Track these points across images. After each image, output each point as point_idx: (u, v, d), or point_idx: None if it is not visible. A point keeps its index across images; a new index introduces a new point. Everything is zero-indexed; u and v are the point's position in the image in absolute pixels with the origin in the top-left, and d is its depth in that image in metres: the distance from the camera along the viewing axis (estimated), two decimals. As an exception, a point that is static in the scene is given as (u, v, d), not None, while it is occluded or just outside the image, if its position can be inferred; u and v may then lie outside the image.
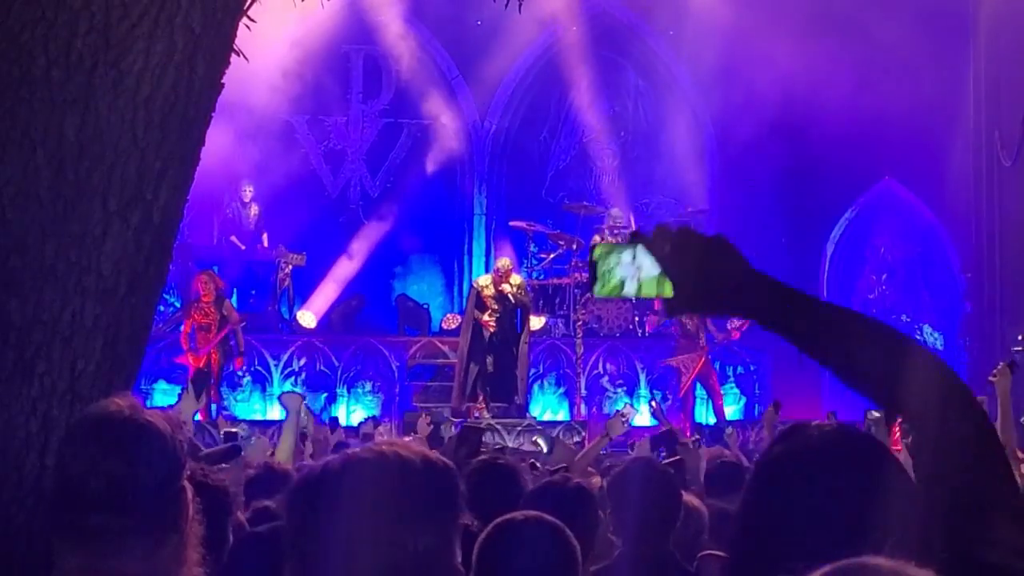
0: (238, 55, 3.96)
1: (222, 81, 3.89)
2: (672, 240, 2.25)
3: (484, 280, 17.41)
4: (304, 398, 9.48)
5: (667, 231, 2.26)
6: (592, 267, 2.30)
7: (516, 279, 17.29)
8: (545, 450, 14.60)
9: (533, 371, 18.41)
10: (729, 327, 18.55)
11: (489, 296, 16.92)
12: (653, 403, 14.28)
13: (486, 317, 16.92)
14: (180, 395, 7.21)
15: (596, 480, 6.82)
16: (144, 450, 2.61)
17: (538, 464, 7.72)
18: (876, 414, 7.62)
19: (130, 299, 3.62)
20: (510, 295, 17.00)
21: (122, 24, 3.51)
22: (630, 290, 2.28)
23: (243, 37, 4.07)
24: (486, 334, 17.03)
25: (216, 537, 3.54)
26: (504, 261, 17.43)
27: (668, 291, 2.25)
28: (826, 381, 20.55)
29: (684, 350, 18.35)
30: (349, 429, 15.26)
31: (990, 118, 20.00)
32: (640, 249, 2.26)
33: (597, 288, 2.29)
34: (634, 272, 2.27)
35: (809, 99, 20.25)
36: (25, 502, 3.42)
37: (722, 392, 18.72)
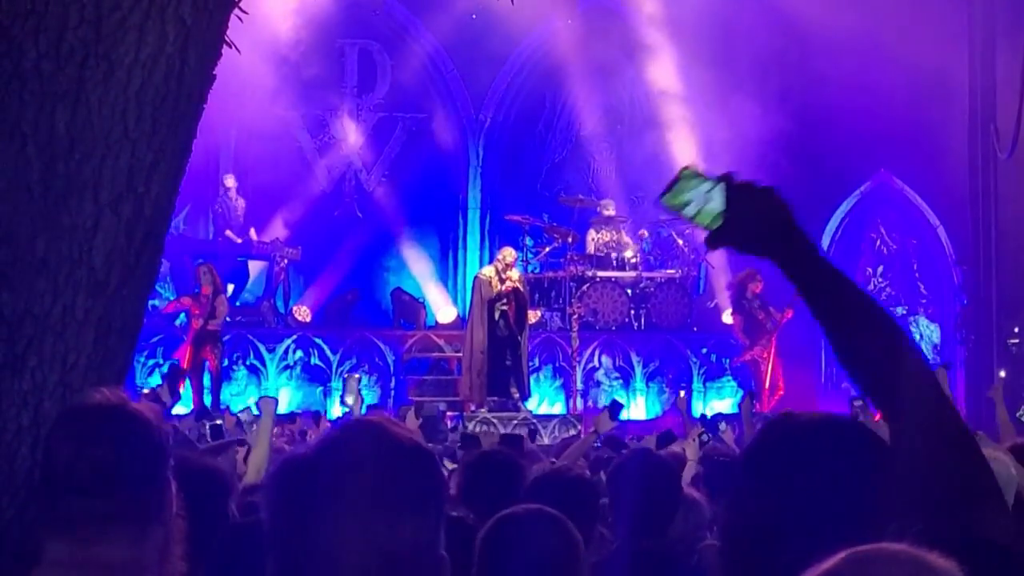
0: (230, 47, 3.94)
1: (214, 73, 3.87)
2: (746, 185, 2.44)
3: (489, 271, 17.26)
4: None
5: (751, 183, 2.44)
6: (673, 180, 2.45)
7: (515, 272, 17.22)
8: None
9: (529, 364, 18.38)
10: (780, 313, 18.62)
11: (497, 287, 16.80)
12: (682, 392, 14.17)
13: (502, 307, 16.77)
14: (156, 389, 7.05)
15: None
16: (129, 437, 2.62)
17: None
18: (860, 402, 7.70)
19: (122, 292, 3.61)
20: (518, 285, 16.95)
21: (113, 16, 3.50)
22: (689, 212, 2.43)
23: (237, 30, 4.06)
24: (489, 327, 16.94)
25: (216, 519, 3.53)
26: (508, 251, 17.29)
27: (716, 224, 2.41)
28: (822, 373, 20.57)
29: (755, 341, 18.35)
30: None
31: (986, 111, 19.99)
32: (719, 188, 2.43)
33: (666, 197, 2.46)
34: (702, 201, 2.43)
35: (805, 92, 20.24)
36: (17, 495, 3.41)
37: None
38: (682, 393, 14.23)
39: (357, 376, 10.01)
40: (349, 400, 8.53)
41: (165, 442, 2.71)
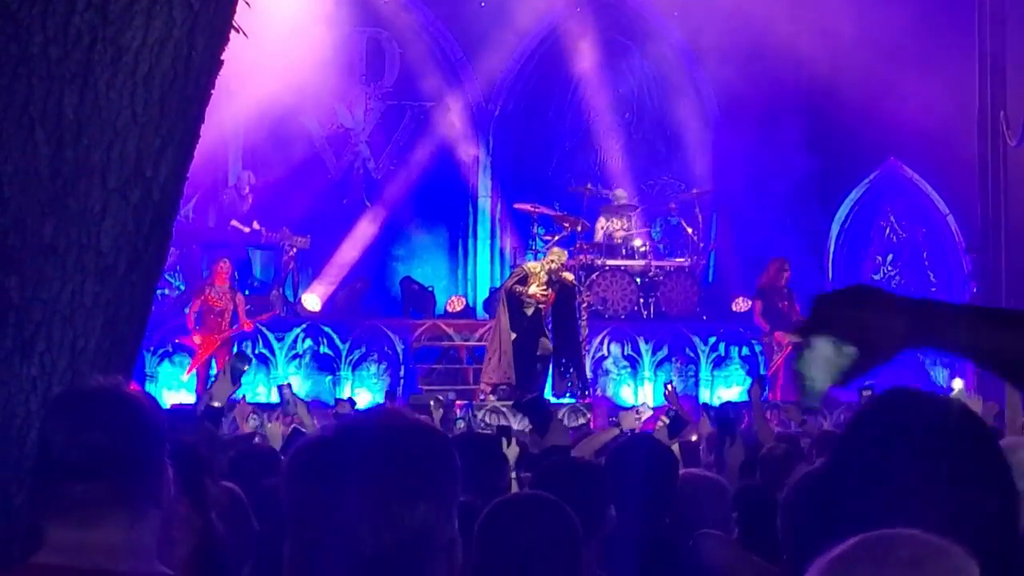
0: (237, 32, 3.94)
1: (222, 58, 3.87)
2: (824, 315, 2.24)
3: (536, 267, 17.14)
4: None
5: (818, 313, 2.25)
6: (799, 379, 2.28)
7: (569, 274, 17.20)
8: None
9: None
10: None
11: (540, 281, 16.71)
12: (669, 386, 14.19)
13: (539, 296, 16.69)
14: (216, 376, 6.97)
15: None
16: (123, 421, 2.65)
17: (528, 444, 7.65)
18: (868, 391, 7.69)
19: (130, 277, 3.61)
20: (567, 282, 16.94)
21: (120, 0, 3.49)
22: (831, 380, 2.24)
23: (245, 17, 4.05)
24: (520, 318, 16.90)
25: (193, 496, 3.54)
26: (559, 252, 17.14)
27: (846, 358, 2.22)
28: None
29: (775, 327, 18.37)
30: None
31: (995, 98, 19.94)
32: (816, 343, 2.23)
33: (807, 399, 2.29)
34: (825, 364, 2.24)
35: (814, 80, 20.21)
36: (25, 481, 3.41)
37: None
38: (669, 386, 14.24)
39: (287, 383, 9.64)
40: (291, 409, 8.28)
41: (160, 426, 2.73)
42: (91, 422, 2.62)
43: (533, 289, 16.62)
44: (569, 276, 17.01)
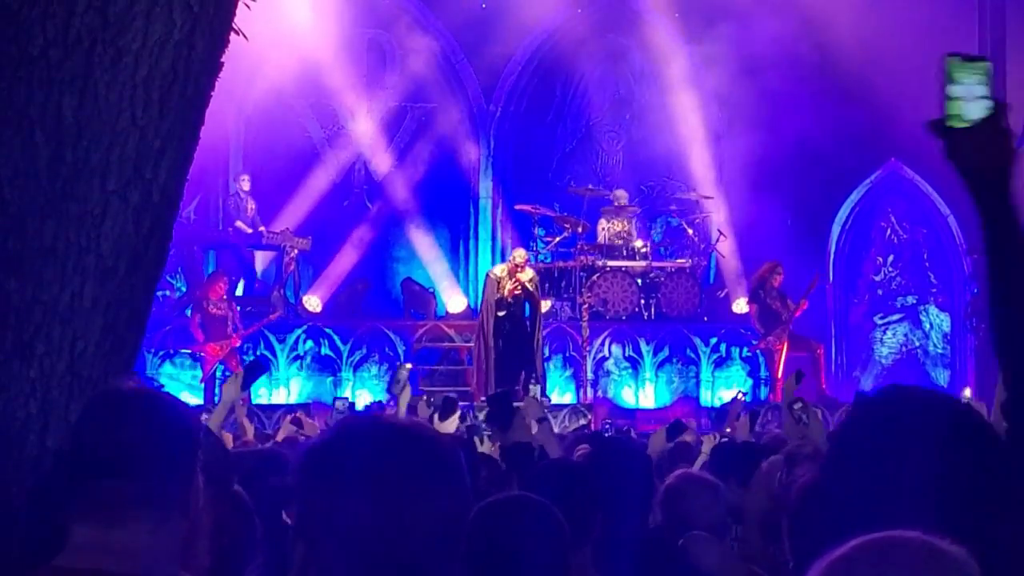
0: (237, 34, 3.93)
1: (221, 61, 3.86)
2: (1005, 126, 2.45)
3: (499, 271, 17.32)
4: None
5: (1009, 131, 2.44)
6: (966, 57, 2.50)
7: (529, 272, 17.27)
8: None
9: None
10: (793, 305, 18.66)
11: (506, 285, 16.88)
12: (740, 395, 14.17)
13: (514, 291, 16.87)
14: (224, 378, 6.90)
15: None
16: (159, 424, 2.64)
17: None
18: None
19: (130, 279, 3.61)
20: (528, 284, 17.01)
21: (120, 2, 3.49)
22: (954, 91, 2.48)
23: (247, 19, 4.05)
24: (497, 322, 17.05)
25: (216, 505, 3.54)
26: (520, 252, 17.38)
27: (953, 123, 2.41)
28: (828, 364, 20.54)
29: (769, 330, 18.40)
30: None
31: (996, 98, 19.93)
32: (986, 104, 2.48)
33: (955, 62, 2.51)
34: (967, 94, 2.49)
35: (815, 81, 20.19)
36: (25, 483, 3.41)
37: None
38: (741, 395, 14.14)
39: (408, 366, 9.76)
40: (396, 390, 8.39)
41: (196, 433, 2.71)
42: (126, 421, 2.62)
43: (507, 288, 16.84)
44: (524, 275, 17.07)
